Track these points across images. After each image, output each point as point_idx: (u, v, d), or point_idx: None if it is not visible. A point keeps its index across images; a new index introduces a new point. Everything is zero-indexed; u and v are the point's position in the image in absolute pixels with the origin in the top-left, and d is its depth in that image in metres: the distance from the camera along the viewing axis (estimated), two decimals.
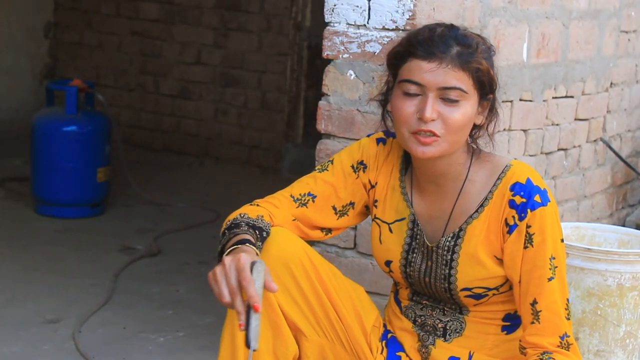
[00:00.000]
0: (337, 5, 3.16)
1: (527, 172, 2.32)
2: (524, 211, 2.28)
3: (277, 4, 6.49)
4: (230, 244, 2.22)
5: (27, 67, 7.23)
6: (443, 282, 2.38)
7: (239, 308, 2.08)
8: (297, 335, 2.36)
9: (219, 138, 6.77)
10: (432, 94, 2.25)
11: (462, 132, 2.29)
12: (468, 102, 2.27)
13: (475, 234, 2.34)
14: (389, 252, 2.45)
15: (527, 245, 2.29)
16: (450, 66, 2.24)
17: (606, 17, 4.05)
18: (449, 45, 2.24)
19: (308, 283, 2.34)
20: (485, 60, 2.28)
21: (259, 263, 2.11)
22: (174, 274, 4.42)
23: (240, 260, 2.11)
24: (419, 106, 2.26)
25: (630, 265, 3.25)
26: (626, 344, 3.31)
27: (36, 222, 5.13)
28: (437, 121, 2.25)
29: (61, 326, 3.73)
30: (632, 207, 4.70)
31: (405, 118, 2.27)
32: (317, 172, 2.48)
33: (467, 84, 2.25)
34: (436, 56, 2.24)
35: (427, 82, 2.24)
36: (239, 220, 2.32)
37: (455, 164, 2.35)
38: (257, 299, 2.06)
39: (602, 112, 4.21)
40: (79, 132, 5.16)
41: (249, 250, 2.17)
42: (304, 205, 2.44)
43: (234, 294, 2.09)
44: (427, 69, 2.24)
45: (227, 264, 2.11)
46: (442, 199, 2.39)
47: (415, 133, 2.27)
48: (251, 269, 2.10)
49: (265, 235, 2.31)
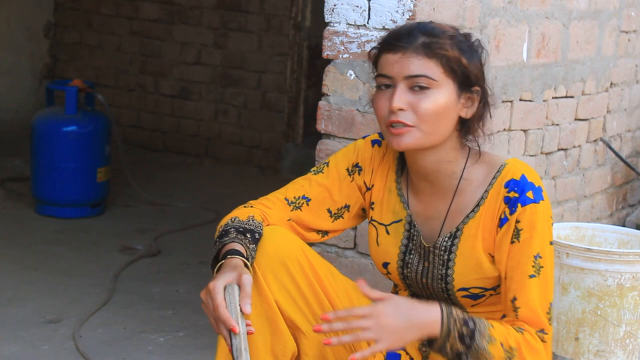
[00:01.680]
0: (337, 5, 3.16)
1: (522, 169, 2.32)
2: (515, 205, 2.27)
3: (277, 4, 6.49)
4: (220, 256, 2.27)
5: (27, 67, 7.23)
6: (440, 283, 2.38)
7: (223, 333, 2.17)
8: (295, 333, 2.36)
9: (219, 138, 6.77)
10: (401, 84, 2.26)
11: (439, 122, 2.27)
12: (439, 90, 2.26)
13: (472, 233, 2.34)
14: (386, 253, 2.45)
15: (514, 240, 2.28)
16: (414, 55, 2.25)
17: (606, 17, 4.05)
18: (413, 36, 2.26)
19: (305, 280, 2.34)
20: (455, 49, 2.27)
21: (229, 287, 2.18)
22: (174, 274, 4.42)
23: (211, 289, 2.19)
24: (389, 98, 2.27)
25: (630, 265, 3.25)
26: (626, 344, 3.31)
27: (36, 222, 5.13)
28: (407, 111, 2.26)
29: (61, 326, 3.73)
30: (632, 207, 4.70)
31: (380, 112, 2.30)
32: (312, 174, 2.48)
33: (434, 71, 2.25)
34: (401, 47, 2.26)
35: (394, 73, 2.26)
36: (230, 226, 2.34)
37: (445, 161, 2.34)
38: (231, 322, 2.14)
39: (602, 112, 4.21)
40: (79, 132, 5.16)
41: (234, 265, 2.22)
42: (299, 209, 2.45)
43: (217, 321, 2.18)
44: (394, 61, 2.26)
45: (203, 297, 2.21)
46: (438, 199, 2.39)
47: (389, 126, 2.28)
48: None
49: (258, 236, 2.32)
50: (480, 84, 2.32)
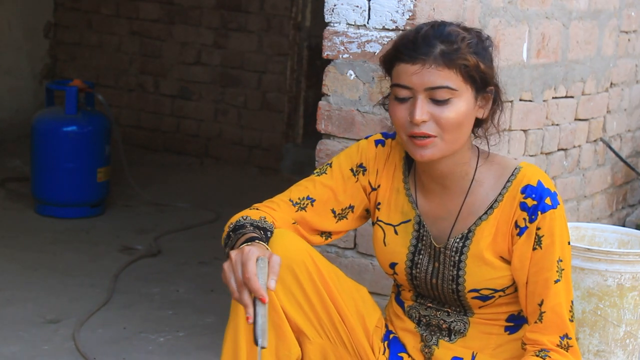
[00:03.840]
0: (337, 5, 3.16)
1: (538, 174, 2.32)
2: (535, 213, 2.28)
3: (277, 4, 6.49)
4: (240, 243, 2.21)
5: (27, 67, 7.23)
6: (451, 284, 2.38)
7: (246, 301, 2.08)
8: (299, 338, 2.35)
9: (219, 138, 6.77)
10: (421, 95, 2.24)
11: (460, 130, 2.28)
12: (460, 99, 2.26)
13: (484, 235, 2.34)
14: (394, 254, 2.44)
15: (536, 247, 2.29)
16: (434, 66, 2.23)
17: (606, 17, 4.05)
18: (431, 46, 2.23)
19: (312, 285, 2.33)
20: (473, 55, 2.25)
21: (261, 260, 2.11)
22: (174, 274, 4.42)
23: (245, 253, 2.11)
24: (410, 109, 2.26)
25: (630, 266, 3.25)
26: (626, 344, 3.31)
27: (36, 222, 5.13)
28: (429, 122, 2.25)
29: (61, 326, 3.73)
30: (632, 207, 4.70)
31: (400, 122, 2.28)
32: (315, 175, 2.48)
33: (455, 81, 2.24)
34: (419, 58, 2.23)
35: (414, 84, 2.24)
36: (243, 222, 2.32)
37: (460, 162, 2.35)
38: (262, 292, 2.06)
39: (602, 112, 4.21)
40: (79, 132, 5.16)
41: (259, 246, 2.17)
42: (303, 209, 2.44)
43: (240, 287, 2.09)
44: (412, 72, 2.24)
45: (233, 258, 2.12)
46: (448, 199, 2.39)
47: (411, 137, 2.27)
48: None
49: (270, 235, 2.30)
50: (495, 83, 2.33)
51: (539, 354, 2.29)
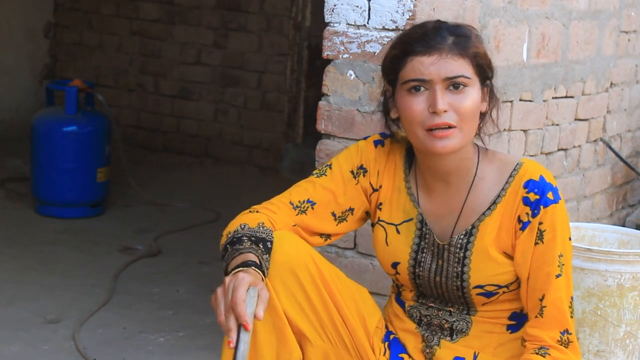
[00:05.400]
0: (337, 5, 3.16)
1: (539, 169, 2.34)
2: (537, 208, 2.30)
3: (277, 4, 6.49)
4: (234, 265, 2.20)
5: (27, 67, 7.23)
6: (455, 280, 2.38)
7: (231, 325, 2.08)
8: (301, 341, 2.35)
9: (219, 138, 6.77)
10: (439, 86, 2.26)
11: (474, 120, 2.31)
12: (473, 88, 2.29)
13: (488, 231, 2.34)
14: (396, 253, 2.44)
15: (538, 242, 2.30)
16: (450, 55, 2.26)
17: (606, 17, 4.05)
18: (444, 37, 2.27)
19: (314, 288, 2.33)
20: (481, 44, 2.32)
21: (252, 289, 2.12)
22: (174, 274, 4.42)
23: (238, 279, 2.11)
24: (429, 101, 2.26)
25: (630, 266, 3.25)
26: (626, 344, 3.31)
27: (36, 222, 5.13)
28: (449, 112, 2.26)
29: (61, 326, 3.73)
30: (632, 207, 4.70)
31: (417, 116, 2.28)
32: (315, 177, 2.46)
33: (468, 70, 2.27)
34: (435, 48, 2.26)
35: (432, 75, 2.25)
36: (240, 233, 2.30)
37: (465, 158, 2.35)
38: (247, 318, 2.07)
39: (602, 112, 4.21)
40: (79, 132, 5.16)
41: (254, 274, 2.16)
42: (304, 213, 2.43)
43: (228, 311, 2.09)
44: (429, 63, 2.25)
45: (226, 284, 2.12)
46: (451, 196, 2.39)
47: (430, 130, 2.27)
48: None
49: (270, 245, 2.29)
50: (491, 76, 2.36)
51: (538, 351, 2.29)
